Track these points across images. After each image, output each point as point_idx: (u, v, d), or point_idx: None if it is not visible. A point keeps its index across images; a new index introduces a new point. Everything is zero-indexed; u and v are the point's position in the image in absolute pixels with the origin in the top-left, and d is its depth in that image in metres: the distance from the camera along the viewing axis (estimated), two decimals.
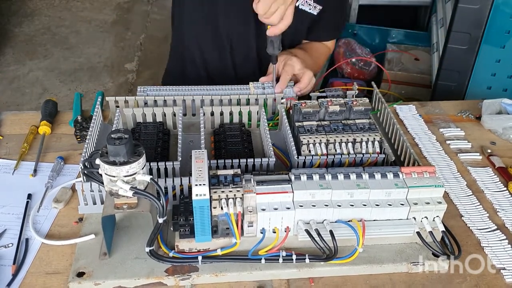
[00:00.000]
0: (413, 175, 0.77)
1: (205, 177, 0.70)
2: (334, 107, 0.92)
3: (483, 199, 0.90)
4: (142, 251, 0.74)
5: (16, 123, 1.07)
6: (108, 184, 0.69)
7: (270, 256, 0.74)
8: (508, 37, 1.48)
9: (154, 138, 0.93)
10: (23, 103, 2.60)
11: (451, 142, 1.05)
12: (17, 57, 3.01)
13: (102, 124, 0.97)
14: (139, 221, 0.81)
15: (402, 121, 1.10)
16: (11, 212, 0.85)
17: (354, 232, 0.73)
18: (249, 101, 1.01)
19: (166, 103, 1.00)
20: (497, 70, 1.54)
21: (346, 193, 0.75)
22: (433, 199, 0.76)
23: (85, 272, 0.73)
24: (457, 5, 1.48)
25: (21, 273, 0.74)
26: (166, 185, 0.79)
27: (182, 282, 0.73)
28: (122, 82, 2.84)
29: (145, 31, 3.25)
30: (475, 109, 1.15)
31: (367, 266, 0.75)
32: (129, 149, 0.68)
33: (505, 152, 1.03)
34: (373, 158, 0.86)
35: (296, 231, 0.75)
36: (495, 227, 0.84)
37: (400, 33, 2.22)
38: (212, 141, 0.96)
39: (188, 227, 0.73)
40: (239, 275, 0.74)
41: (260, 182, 0.75)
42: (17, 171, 0.94)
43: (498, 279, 0.76)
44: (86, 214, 0.83)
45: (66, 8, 3.56)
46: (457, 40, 1.52)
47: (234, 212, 0.71)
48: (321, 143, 0.86)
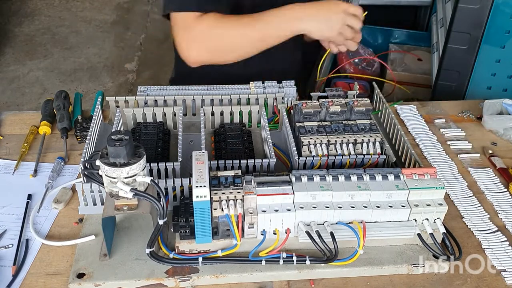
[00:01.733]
0: (414, 177, 0.77)
1: (205, 178, 0.70)
2: (335, 107, 0.92)
3: (484, 200, 0.90)
4: (143, 252, 0.73)
5: (16, 123, 1.07)
6: (108, 185, 0.69)
7: (270, 258, 0.74)
8: (508, 37, 1.47)
9: (155, 138, 0.93)
10: (23, 103, 2.60)
11: (451, 142, 1.05)
12: (17, 57, 3.01)
13: (102, 124, 0.97)
14: (139, 222, 0.80)
15: (403, 121, 1.10)
16: (11, 213, 0.85)
17: (354, 233, 0.73)
18: (250, 101, 1.01)
19: (166, 103, 1.00)
20: (497, 70, 1.53)
21: (347, 195, 0.75)
22: (434, 201, 0.76)
23: (85, 273, 0.73)
24: (457, 5, 1.47)
25: (21, 274, 0.74)
26: (167, 186, 0.79)
27: (182, 283, 0.73)
28: (122, 82, 2.84)
29: (145, 31, 3.25)
30: (476, 109, 1.15)
31: (367, 267, 0.75)
32: (129, 150, 0.67)
33: (506, 152, 1.03)
34: (374, 159, 0.86)
35: (297, 232, 0.75)
36: (495, 229, 0.84)
37: (402, 34, 2.22)
38: (213, 141, 0.96)
39: (189, 228, 0.73)
40: (239, 276, 0.74)
41: (261, 183, 0.75)
42: (17, 171, 0.94)
43: (498, 280, 0.76)
44: (86, 215, 0.83)
45: (66, 8, 3.56)
46: (457, 40, 1.52)
47: (235, 214, 0.71)
48: (322, 143, 0.86)
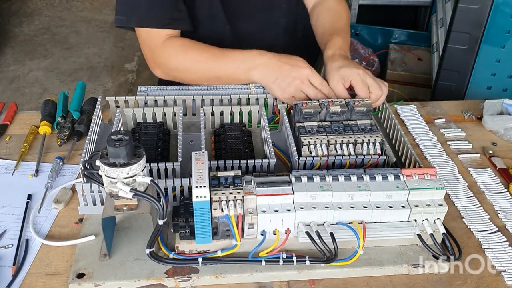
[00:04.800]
0: (414, 177, 0.77)
1: (205, 178, 0.70)
2: (335, 107, 0.91)
3: (484, 200, 0.90)
4: (142, 253, 0.73)
5: (16, 123, 1.07)
6: (108, 185, 0.69)
7: (270, 258, 0.73)
8: (508, 37, 1.47)
9: (155, 138, 0.93)
10: (23, 103, 2.60)
11: (452, 142, 1.05)
12: (17, 57, 3.01)
13: (102, 124, 0.97)
14: (139, 222, 0.80)
15: (403, 122, 1.10)
16: (11, 213, 0.85)
17: (354, 234, 0.73)
18: (250, 101, 1.01)
19: (166, 103, 1.00)
20: (497, 70, 1.54)
21: (346, 195, 0.74)
22: (434, 201, 0.76)
23: (85, 273, 0.73)
24: (457, 5, 1.47)
25: (21, 274, 0.74)
26: (166, 186, 0.79)
27: (182, 283, 0.73)
28: (122, 82, 2.84)
29: None
30: (476, 110, 1.15)
31: (367, 268, 0.75)
32: (129, 150, 0.67)
33: (507, 153, 1.02)
34: (374, 159, 0.86)
35: (297, 233, 0.75)
36: (496, 229, 0.84)
37: (403, 33, 2.22)
38: (213, 141, 0.96)
39: (188, 228, 0.73)
40: (239, 276, 0.74)
41: (261, 183, 0.75)
42: (17, 171, 0.94)
43: (498, 281, 0.75)
44: (86, 215, 0.82)
45: (66, 8, 3.56)
46: (457, 40, 1.52)
47: (235, 214, 0.71)
48: (322, 144, 0.86)
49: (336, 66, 0.97)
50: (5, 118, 1.07)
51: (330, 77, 0.97)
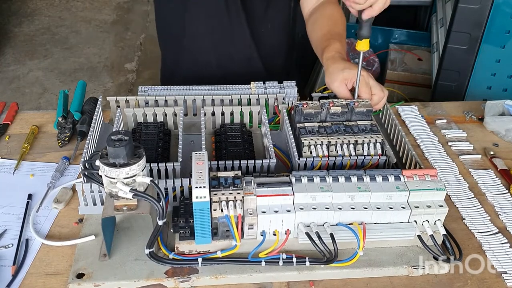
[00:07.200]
0: (415, 178, 0.77)
1: (205, 179, 0.70)
2: (336, 108, 0.91)
3: (485, 201, 0.90)
4: (142, 253, 0.73)
5: (17, 122, 1.07)
6: (108, 185, 0.69)
7: (270, 259, 0.73)
8: (508, 37, 1.47)
9: (155, 138, 0.93)
10: (23, 103, 2.60)
11: (453, 143, 1.04)
12: (17, 57, 3.01)
13: (102, 124, 0.97)
14: (139, 222, 0.80)
15: (404, 122, 1.10)
16: (12, 212, 0.85)
17: (354, 235, 0.73)
18: (250, 101, 1.01)
19: (167, 103, 1.00)
20: (497, 70, 1.53)
21: (347, 196, 0.74)
22: (435, 203, 0.75)
23: (85, 273, 0.73)
24: (457, 5, 1.47)
25: (21, 274, 0.74)
26: (166, 186, 0.79)
27: (182, 284, 0.73)
28: (122, 82, 2.83)
29: (145, 31, 3.24)
30: (478, 110, 1.15)
31: (367, 269, 0.75)
32: (129, 151, 0.67)
33: (508, 154, 1.02)
34: (375, 160, 0.86)
35: (297, 233, 0.74)
36: (496, 230, 0.84)
37: (402, 33, 2.22)
38: (213, 142, 0.96)
39: (188, 229, 0.73)
40: (239, 277, 0.73)
41: (261, 184, 0.75)
42: (18, 171, 0.94)
43: (499, 282, 0.75)
44: (86, 215, 0.82)
45: (66, 8, 3.56)
46: (457, 40, 1.52)
47: (235, 215, 0.71)
48: (322, 144, 0.86)
49: (339, 67, 0.96)
50: (6, 117, 1.07)
51: (333, 78, 0.96)
